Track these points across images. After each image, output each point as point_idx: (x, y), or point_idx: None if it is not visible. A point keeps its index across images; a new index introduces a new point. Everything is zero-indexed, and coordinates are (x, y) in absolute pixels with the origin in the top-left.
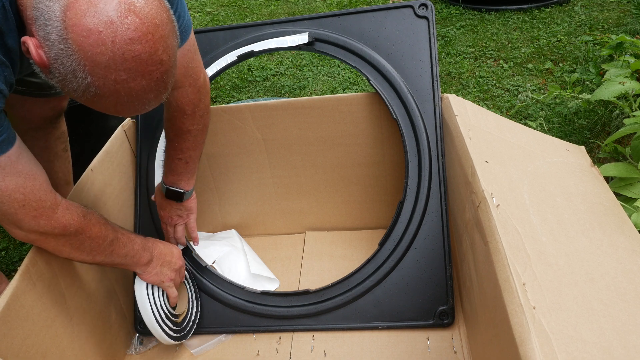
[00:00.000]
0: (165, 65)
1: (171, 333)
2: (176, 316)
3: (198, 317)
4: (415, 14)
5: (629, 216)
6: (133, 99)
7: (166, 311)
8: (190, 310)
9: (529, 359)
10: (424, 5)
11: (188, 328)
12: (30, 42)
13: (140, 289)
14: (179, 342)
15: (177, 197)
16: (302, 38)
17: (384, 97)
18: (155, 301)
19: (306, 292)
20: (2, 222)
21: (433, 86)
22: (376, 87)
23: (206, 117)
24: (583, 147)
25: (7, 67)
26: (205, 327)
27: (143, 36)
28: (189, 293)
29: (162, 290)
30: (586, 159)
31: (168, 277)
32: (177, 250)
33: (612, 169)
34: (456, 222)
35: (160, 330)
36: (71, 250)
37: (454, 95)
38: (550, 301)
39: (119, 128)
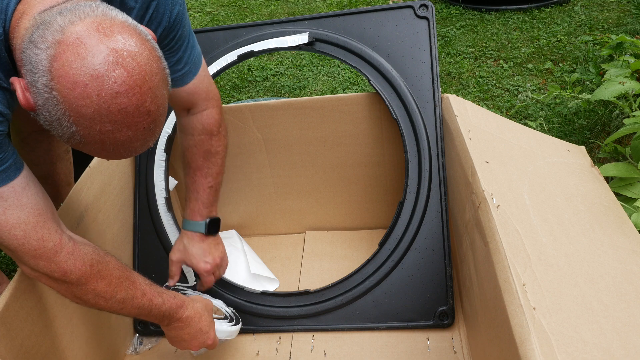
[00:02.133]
0: (152, 116)
1: (229, 323)
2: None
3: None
4: (415, 14)
5: (629, 216)
6: (119, 147)
7: None
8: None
9: None
10: (425, 5)
11: (235, 316)
12: (17, 85)
13: None
14: (238, 326)
15: (218, 226)
16: (302, 38)
17: (384, 97)
18: None
19: (306, 293)
20: (11, 256)
21: (433, 86)
22: (376, 87)
23: (227, 135)
24: (583, 148)
25: (8, 91)
26: None
27: (130, 89)
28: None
29: None
30: (586, 159)
31: (211, 330)
32: (208, 303)
33: (612, 169)
34: (456, 223)
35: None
36: (73, 298)
37: (454, 95)
38: (550, 302)
39: None
